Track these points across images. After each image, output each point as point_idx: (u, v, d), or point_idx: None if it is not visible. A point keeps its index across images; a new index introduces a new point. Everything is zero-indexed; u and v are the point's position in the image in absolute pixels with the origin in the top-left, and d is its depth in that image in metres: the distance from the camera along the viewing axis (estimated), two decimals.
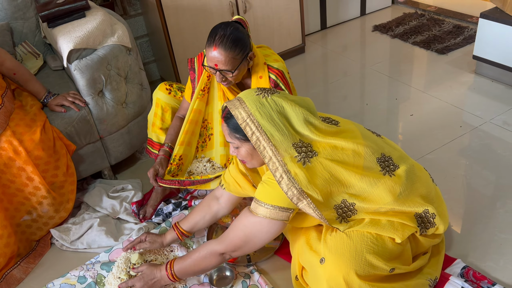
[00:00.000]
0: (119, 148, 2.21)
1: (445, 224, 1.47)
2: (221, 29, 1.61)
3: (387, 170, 1.39)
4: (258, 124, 1.29)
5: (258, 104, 1.32)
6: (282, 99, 1.34)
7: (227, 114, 1.37)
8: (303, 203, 1.29)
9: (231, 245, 1.42)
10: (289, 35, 3.19)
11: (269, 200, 1.32)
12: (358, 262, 1.32)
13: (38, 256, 1.88)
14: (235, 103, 1.34)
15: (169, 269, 1.51)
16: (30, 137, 1.80)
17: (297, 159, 1.29)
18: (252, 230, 1.37)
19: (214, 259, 1.46)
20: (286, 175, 1.27)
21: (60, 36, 2.00)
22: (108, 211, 2.01)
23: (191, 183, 1.85)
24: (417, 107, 2.55)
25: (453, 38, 3.22)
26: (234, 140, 1.37)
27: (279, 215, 1.33)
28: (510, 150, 2.11)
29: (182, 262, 1.50)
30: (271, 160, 1.29)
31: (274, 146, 1.28)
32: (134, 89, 2.20)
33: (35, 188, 1.83)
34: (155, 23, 2.82)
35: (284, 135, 1.30)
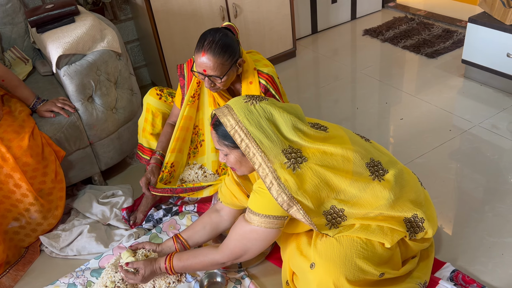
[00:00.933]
0: (109, 153, 2.20)
1: (433, 228, 1.48)
2: (210, 35, 1.61)
3: (376, 175, 1.39)
4: (247, 131, 1.30)
5: (247, 111, 1.32)
6: (270, 106, 1.34)
7: (216, 121, 1.37)
8: (293, 209, 1.30)
9: (231, 255, 1.45)
10: (280, 40, 3.20)
11: (261, 210, 1.34)
12: (348, 267, 1.32)
13: (27, 264, 1.86)
14: (223, 111, 1.35)
15: (168, 265, 1.54)
16: (18, 143, 1.79)
17: (287, 165, 1.29)
18: (249, 240, 1.39)
19: (214, 265, 1.51)
20: (276, 181, 1.28)
21: (49, 42, 1.98)
22: (98, 217, 1.99)
23: (183, 190, 1.85)
24: (407, 111, 2.57)
25: (443, 42, 3.25)
26: (223, 148, 1.38)
27: (273, 224, 1.34)
28: (499, 154, 2.13)
29: (182, 262, 1.53)
30: (261, 167, 1.29)
31: (264, 153, 1.29)
32: (124, 94, 2.19)
33: (22, 195, 1.81)
34: (145, 27, 2.81)
35: (273, 142, 1.30)
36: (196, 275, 1.68)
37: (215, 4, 2.79)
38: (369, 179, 1.38)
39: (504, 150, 2.15)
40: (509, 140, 2.21)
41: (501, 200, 1.87)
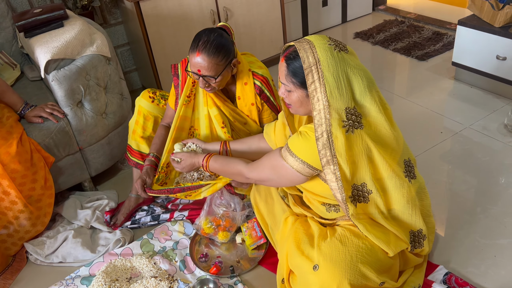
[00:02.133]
0: (99, 159, 2.17)
1: (430, 246, 1.52)
2: (205, 35, 1.60)
3: (408, 174, 1.41)
4: (322, 74, 1.25)
5: (329, 55, 1.26)
6: (350, 59, 1.29)
7: (290, 54, 1.31)
8: (330, 168, 1.27)
9: (258, 175, 1.49)
10: (271, 43, 3.20)
11: (300, 154, 1.32)
12: (352, 272, 1.31)
13: (15, 272, 1.83)
14: (304, 46, 1.28)
15: (205, 163, 1.66)
16: (6, 150, 1.76)
17: (343, 124, 1.26)
18: (278, 173, 1.40)
19: (239, 177, 1.58)
20: (327, 134, 1.25)
21: (38, 46, 1.96)
22: (82, 222, 1.97)
23: (181, 190, 1.82)
24: (399, 113, 2.57)
25: (433, 44, 3.26)
26: (289, 84, 1.33)
27: (305, 171, 1.33)
28: (490, 155, 2.14)
29: (214, 164, 1.63)
30: (319, 114, 1.26)
31: (328, 102, 1.24)
32: (114, 99, 2.17)
33: (11, 203, 1.78)
34: (135, 31, 2.79)
35: (342, 96, 1.26)
36: (189, 281, 1.67)
37: (206, 8, 2.78)
38: (403, 174, 1.38)
39: (494, 152, 2.16)
40: (499, 141, 2.22)
41: (493, 201, 1.87)
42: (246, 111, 1.84)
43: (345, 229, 1.41)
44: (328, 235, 1.41)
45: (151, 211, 2.02)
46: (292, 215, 1.59)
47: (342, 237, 1.38)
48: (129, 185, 2.18)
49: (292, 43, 1.33)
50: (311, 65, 1.26)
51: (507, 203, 1.86)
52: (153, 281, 1.64)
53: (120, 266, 1.74)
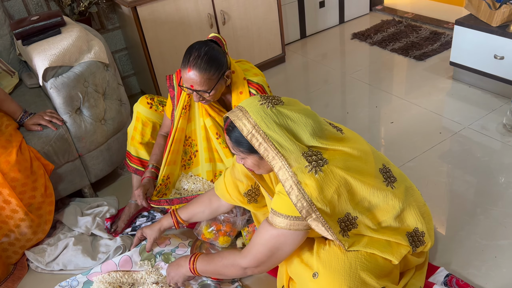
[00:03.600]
0: (99, 165, 2.18)
1: (432, 241, 1.50)
2: (195, 50, 1.59)
3: (388, 182, 1.38)
4: (264, 134, 1.24)
5: (263, 114, 1.27)
6: (286, 111, 1.29)
7: (228, 126, 1.32)
8: (312, 217, 1.24)
9: (255, 261, 1.36)
10: (269, 45, 3.20)
11: (287, 211, 1.27)
12: (352, 279, 1.29)
13: (16, 280, 1.83)
14: (237, 114, 1.29)
15: (192, 267, 1.50)
16: (6, 158, 1.76)
17: (308, 169, 1.23)
18: (275, 244, 1.31)
19: (236, 271, 1.42)
20: (297, 186, 1.22)
21: (35, 54, 1.96)
22: (82, 230, 1.97)
23: (180, 201, 1.84)
24: (397, 114, 2.58)
25: (431, 44, 3.27)
26: (239, 153, 1.33)
27: (302, 225, 1.27)
28: (489, 155, 2.14)
29: (206, 265, 1.48)
30: (281, 170, 1.24)
31: (283, 156, 1.23)
32: (112, 105, 2.17)
33: (12, 211, 1.78)
34: (133, 36, 2.79)
35: (293, 145, 1.25)
36: (189, 286, 1.66)
37: (203, 12, 2.78)
38: (383, 185, 1.36)
39: (494, 151, 2.16)
40: (498, 141, 2.22)
41: (493, 202, 1.87)
42: None
43: None
44: (327, 242, 1.41)
45: (152, 217, 2.02)
46: None
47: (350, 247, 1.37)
48: (129, 190, 2.18)
49: (226, 114, 1.33)
50: (250, 130, 1.25)
51: (507, 204, 1.86)
52: (154, 287, 1.64)
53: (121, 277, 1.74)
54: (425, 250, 1.51)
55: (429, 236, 1.48)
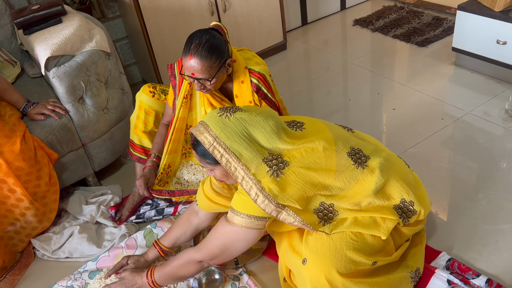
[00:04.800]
0: (102, 154, 2.19)
1: (426, 208, 1.48)
2: (196, 38, 1.59)
3: (359, 163, 1.39)
4: (225, 145, 1.29)
5: (222, 125, 1.31)
6: (245, 116, 1.33)
7: (194, 140, 1.37)
8: (283, 214, 1.30)
9: (209, 254, 1.42)
10: (270, 33, 3.19)
11: (244, 210, 1.33)
12: (338, 260, 1.32)
13: (23, 268, 1.85)
14: (199, 129, 1.34)
15: (150, 276, 1.52)
16: (10, 148, 1.77)
17: (270, 174, 1.28)
18: (228, 239, 1.38)
19: (193, 267, 1.46)
20: (261, 192, 1.27)
21: (37, 43, 1.96)
22: (87, 218, 1.99)
23: (181, 193, 1.85)
24: (399, 100, 2.58)
25: (433, 30, 3.25)
26: (206, 165, 1.38)
27: (255, 224, 1.33)
28: (491, 141, 2.15)
29: (162, 269, 1.51)
30: (244, 180, 1.29)
31: (245, 166, 1.28)
32: (115, 94, 2.17)
33: (17, 200, 1.80)
34: (134, 25, 2.79)
35: (253, 152, 1.29)
36: None
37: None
38: (352, 168, 1.37)
39: (496, 137, 2.17)
40: (501, 126, 2.23)
41: (494, 187, 1.88)
42: None
43: None
44: None
45: (155, 205, 2.04)
46: None
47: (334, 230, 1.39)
48: (132, 179, 2.19)
49: (190, 130, 1.37)
50: (212, 142, 1.29)
51: (508, 188, 1.87)
52: None
53: None
54: (420, 218, 1.49)
55: (421, 203, 1.46)
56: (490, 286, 1.47)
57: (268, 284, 1.63)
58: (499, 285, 1.47)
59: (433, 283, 1.50)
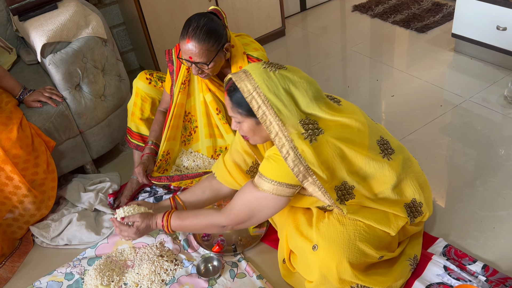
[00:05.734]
0: (100, 141, 2.18)
1: (430, 210, 1.51)
2: (194, 21, 1.57)
3: (385, 154, 1.39)
4: (265, 97, 1.24)
5: (266, 77, 1.26)
6: (289, 75, 1.29)
7: (230, 87, 1.31)
8: (309, 180, 1.26)
9: (235, 219, 1.39)
10: (268, 18, 3.16)
11: (274, 176, 1.29)
12: (351, 250, 1.33)
13: (22, 255, 1.86)
14: (240, 76, 1.29)
15: (166, 223, 1.48)
16: (7, 135, 1.77)
17: (304, 136, 1.25)
18: (257, 206, 1.34)
19: (215, 229, 1.45)
20: (293, 151, 1.24)
21: (32, 30, 1.94)
22: (86, 205, 1.99)
23: (180, 178, 1.84)
24: (398, 87, 2.56)
25: (432, 16, 3.22)
26: (236, 115, 1.32)
27: (285, 191, 1.30)
28: (489, 128, 2.14)
29: (180, 222, 1.47)
30: (278, 136, 1.25)
31: (281, 121, 1.24)
32: (112, 81, 2.16)
33: (15, 187, 1.80)
34: (131, 11, 2.75)
35: (292, 111, 1.26)
36: (193, 259, 1.70)
37: None
38: (379, 157, 1.37)
39: (494, 124, 2.16)
40: (499, 113, 2.22)
41: (492, 174, 1.89)
42: None
43: None
44: (325, 215, 1.43)
45: (154, 193, 2.04)
46: None
47: (340, 217, 1.39)
48: (130, 166, 2.19)
49: (229, 76, 1.32)
50: (251, 91, 1.25)
51: (506, 175, 1.87)
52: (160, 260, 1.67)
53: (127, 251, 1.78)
54: (423, 220, 1.54)
55: (427, 206, 1.49)
56: (486, 272, 1.48)
57: (266, 270, 1.64)
58: (495, 271, 1.48)
59: (429, 269, 1.51)
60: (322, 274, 1.36)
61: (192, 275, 1.64)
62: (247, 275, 1.62)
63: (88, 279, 1.66)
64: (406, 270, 1.48)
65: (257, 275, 1.60)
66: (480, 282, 1.44)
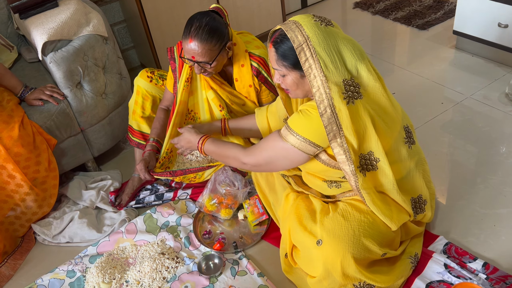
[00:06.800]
0: (101, 139, 2.19)
1: (431, 215, 1.54)
2: (196, 20, 1.57)
3: (408, 141, 1.43)
4: (314, 50, 1.24)
5: (317, 30, 1.26)
6: (339, 32, 1.30)
7: (277, 38, 1.30)
8: (337, 141, 1.27)
9: (254, 161, 1.45)
10: (269, 16, 3.15)
11: (302, 132, 1.30)
12: (355, 246, 1.33)
13: (24, 252, 1.87)
14: (291, 26, 1.28)
15: (201, 143, 1.63)
16: (8, 133, 1.77)
17: (344, 96, 1.25)
18: (277, 154, 1.38)
19: (236, 162, 1.53)
20: (331, 109, 1.24)
21: (33, 28, 1.94)
22: (87, 203, 2.00)
23: (183, 172, 1.85)
24: (399, 84, 2.56)
25: (434, 13, 3.21)
26: (281, 68, 1.32)
27: (308, 149, 1.32)
28: (490, 125, 2.14)
29: (212, 146, 1.60)
30: (319, 91, 1.25)
31: (325, 77, 1.24)
32: (113, 79, 2.16)
33: (17, 186, 1.81)
34: (131, 8, 2.75)
35: (337, 68, 1.25)
36: (194, 257, 1.70)
37: None
38: (403, 142, 1.41)
39: (495, 121, 2.16)
40: (500, 111, 2.22)
41: (493, 171, 1.89)
42: (244, 92, 1.83)
43: (347, 204, 1.43)
44: (330, 210, 1.43)
45: (155, 190, 2.04)
46: (293, 191, 1.61)
47: (344, 212, 1.40)
48: (132, 164, 2.20)
49: (278, 26, 1.31)
50: (302, 43, 1.24)
51: (507, 173, 1.87)
52: (161, 257, 1.68)
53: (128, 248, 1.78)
54: (424, 221, 1.55)
55: (430, 207, 1.52)
56: (486, 270, 1.48)
57: (267, 268, 1.65)
58: (495, 268, 1.49)
59: (430, 267, 1.52)
60: (326, 269, 1.36)
61: (193, 273, 1.65)
62: (248, 273, 1.62)
63: (89, 277, 1.67)
64: (407, 268, 1.48)
65: (258, 272, 1.61)
66: (480, 280, 1.44)
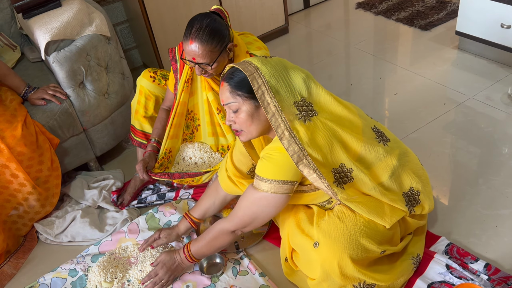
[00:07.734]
0: (103, 139, 2.19)
1: (430, 204, 1.51)
2: (197, 22, 1.58)
3: (381, 139, 1.44)
4: (264, 79, 1.31)
5: (264, 61, 1.35)
6: (283, 60, 1.40)
7: (228, 73, 1.36)
8: (303, 162, 1.28)
9: (240, 223, 1.44)
10: (272, 16, 3.15)
11: (272, 176, 1.32)
12: (352, 246, 1.33)
13: (27, 251, 1.88)
14: (241, 62, 1.37)
15: (187, 252, 1.56)
16: (12, 133, 1.78)
17: (298, 117, 1.30)
18: (258, 206, 1.38)
19: (227, 237, 1.49)
20: (288, 131, 1.28)
21: (36, 28, 1.95)
22: (89, 203, 2.01)
23: (181, 176, 1.85)
24: (402, 85, 2.56)
25: (436, 13, 3.21)
26: (236, 99, 1.35)
27: (284, 189, 1.33)
28: (493, 126, 2.14)
29: (198, 244, 1.55)
30: (274, 116, 1.29)
31: (278, 103, 1.30)
32: (115, 79, 2.16)
33: (20, 185, 1.81)
34: (134, 8, 2.76)
35: (287, 93, 1.32)
36: None
37: None
38: (375, 141, 1.42)
39: (498, 122, 2.16)
40: (503, 111, 2.21)
41: (495, 172, 1.88)
42: None
43: (343, 206, 1.43)
44: (326, 213, 1.44)
45: (157, 190, 2.05)
46: None
47: (340, 213, 1.40)
48: (134, 163, 2.20)
49: (229, 65, 1.38)
50: (253, 72, 1.31)
51: (509, 174, 1.87)
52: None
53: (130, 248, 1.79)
54: (424, 213, 1.53)
55: (426, 197, 1.50)
56: (488, 271, 1.48)
57: (269, 268, 1.65)
58: (497, 269, 1.48)
59: (432, 267, 1.52)
60: (324, 271, 1.37)
61: (195, 272, 1.65)
62: (249, 273, 1.63)
63: (91, 276, 1.67)
64: (408, 268, 1.48)
65: (260, 272, 1.61)
66: (482, 281, 1.44)
